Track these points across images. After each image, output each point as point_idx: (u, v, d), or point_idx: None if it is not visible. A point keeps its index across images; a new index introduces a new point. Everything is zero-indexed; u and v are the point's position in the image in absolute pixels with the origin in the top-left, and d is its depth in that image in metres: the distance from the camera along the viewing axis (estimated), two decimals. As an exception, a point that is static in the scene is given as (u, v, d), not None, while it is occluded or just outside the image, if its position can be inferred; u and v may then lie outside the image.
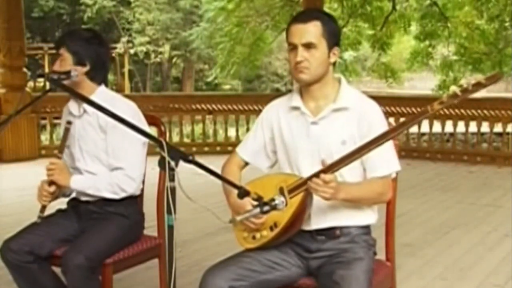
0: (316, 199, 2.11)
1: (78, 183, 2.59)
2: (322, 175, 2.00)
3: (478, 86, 1.89)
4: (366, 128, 2.16)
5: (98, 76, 2.66)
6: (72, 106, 2.68)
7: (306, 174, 2.15)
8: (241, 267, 2.11)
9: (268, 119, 2.34)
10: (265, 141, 2.34)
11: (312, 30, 2.15)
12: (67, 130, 2.62)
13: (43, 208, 2.57)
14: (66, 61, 2.59)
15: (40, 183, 2.61)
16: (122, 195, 2.60)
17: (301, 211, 2.10)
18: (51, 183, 2.57)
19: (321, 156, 2.16)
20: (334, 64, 2.23)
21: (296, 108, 2.25)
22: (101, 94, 2.63)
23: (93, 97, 2.53)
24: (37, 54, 19.02)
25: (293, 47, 2.17)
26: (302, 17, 2.19)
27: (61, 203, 2.74)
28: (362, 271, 2.06)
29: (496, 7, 13.43)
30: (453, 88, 1.93)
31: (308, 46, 2.14)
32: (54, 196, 2.63)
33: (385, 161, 2.17)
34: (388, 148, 2.16)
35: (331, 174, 2.01)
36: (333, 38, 2.19)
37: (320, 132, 2.19)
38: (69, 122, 2.63)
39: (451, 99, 1.92)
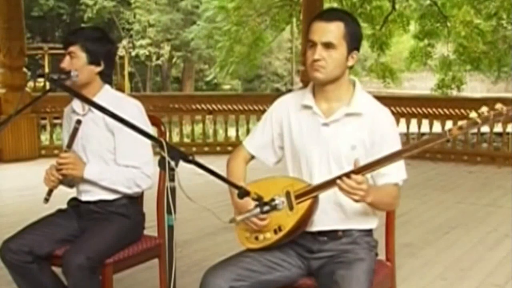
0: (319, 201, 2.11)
1: (92, 175, 2.58)
2: (355, 176, 1.97)
3: (499, 116, 1.87)
4: (379, 137, 2.15)
5: (108, 75, 2.66)
6: (76, 104, 2.68)
7: (312, 174, 2.15)
8: (241, 267, 2.10)
9: (278, 114, 2.30)
10: (273, 136, 2.31)
11: (333, 30, 2.10)
12: (76, 130, 2.60)
13: (50, 191, 2.58)
14: (79, 59, 2.57)
15: (49, 166, 2.60)
16: (136, 190, 2.61)
17: (307, 217, 2.10)
18: (63, 175, 2.57)
19: (329, 158, 2.15)
20: (351, 67, 2.19)
21: (307, 107, 2.22)
22: (106, 93, 2.63)
23: (98, 97, 2.55)
24: (37, 54, 19.01)
25: (312, 44, 2.12)
26: (326, 16, 2.14)
27: (62, 202, 2.74)
28: (363, 271, 2.06)
29: (493, 5, 13.44)
30: (474, 115, 1.89)
31: (328, 45, 2.10)
32: (61, 181, 2.62)
33: (396, 169, 2.15)
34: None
35: (362, 176, 1.98)
36: (354, 41, 2.15)
37: (331, 134, 2.17)
38: (78, 122, 2.61)
39: (470, 126, 1.90)
